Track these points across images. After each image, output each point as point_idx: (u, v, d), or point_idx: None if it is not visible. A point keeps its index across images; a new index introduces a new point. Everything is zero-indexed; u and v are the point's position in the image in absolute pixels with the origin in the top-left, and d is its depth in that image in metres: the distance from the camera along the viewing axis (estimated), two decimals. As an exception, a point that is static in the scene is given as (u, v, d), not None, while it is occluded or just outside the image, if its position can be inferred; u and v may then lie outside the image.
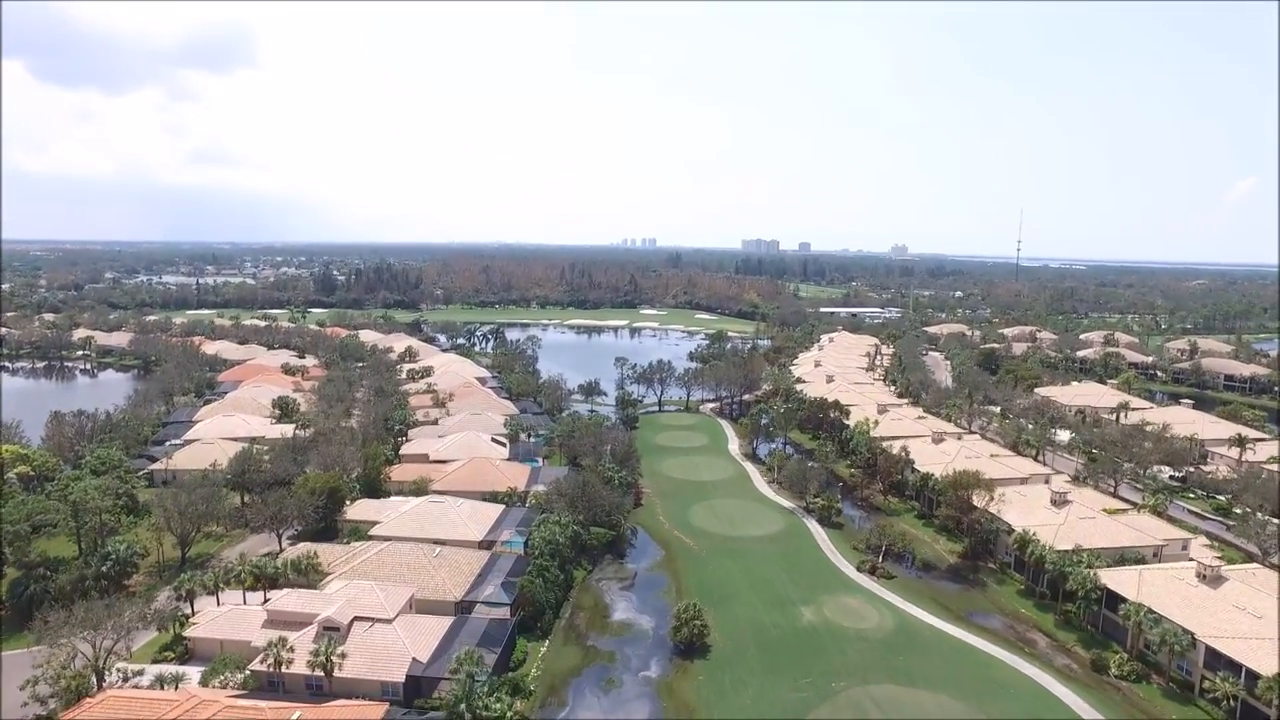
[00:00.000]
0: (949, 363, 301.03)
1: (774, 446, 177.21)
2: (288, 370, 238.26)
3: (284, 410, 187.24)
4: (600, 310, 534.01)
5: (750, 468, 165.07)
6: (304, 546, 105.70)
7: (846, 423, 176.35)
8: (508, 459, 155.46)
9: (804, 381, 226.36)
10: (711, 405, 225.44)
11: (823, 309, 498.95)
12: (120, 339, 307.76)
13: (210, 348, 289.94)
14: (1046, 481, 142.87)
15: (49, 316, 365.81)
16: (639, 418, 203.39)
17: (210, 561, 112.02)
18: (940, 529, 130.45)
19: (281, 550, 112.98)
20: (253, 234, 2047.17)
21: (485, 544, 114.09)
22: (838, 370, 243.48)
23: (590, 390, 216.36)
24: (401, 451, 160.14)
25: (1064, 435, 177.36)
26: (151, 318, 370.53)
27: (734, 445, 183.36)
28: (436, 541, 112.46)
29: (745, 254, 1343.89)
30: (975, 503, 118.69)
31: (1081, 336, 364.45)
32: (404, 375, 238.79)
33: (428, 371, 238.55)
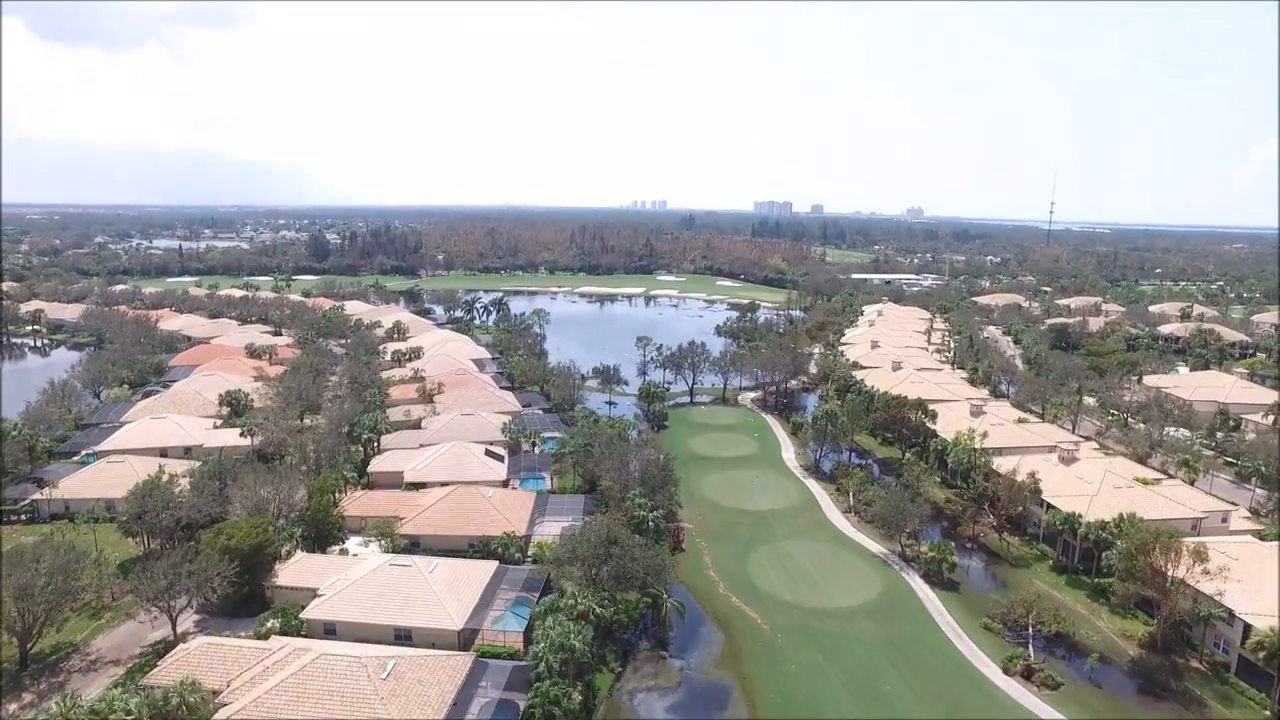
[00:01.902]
0: (1009, 339, 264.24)
1: (840, 456, 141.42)
2: (252, 352, 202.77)
3: (234, 407, 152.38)
4: (613, 276, 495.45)
5: (815, 488, 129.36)
6: (193, 654, 70.96)
7: (930, 425, 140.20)
8: (504, 481, 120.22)
9: (862, 367, 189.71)
10: (752, 395, 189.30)
11: (854, 275, 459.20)
12: (74, 312, 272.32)
13: (174, 322, 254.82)
14: (1224, 520, 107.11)
15: (4, 286, 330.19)
16: (668, 414, 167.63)
17: (68, 660, 77.62)
18: (1095, 592, 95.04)
19: (176, 638, 78.64)
20: (260, 198, 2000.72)
21: (467, 634, 79.23)
22: (900, 353, 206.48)
23: (608, 378, 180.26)
24: (371, 468, 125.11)
25: (1184, 438, 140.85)
26: (119, 287, 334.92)
27: (789, 453, 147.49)
28: (396, 632, 78.27)
29: (759, 216, 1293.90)
30: (1170, 570, 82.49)
31: (1152, 309, 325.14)
32: (388, 358, 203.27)
33: (416, 353, 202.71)
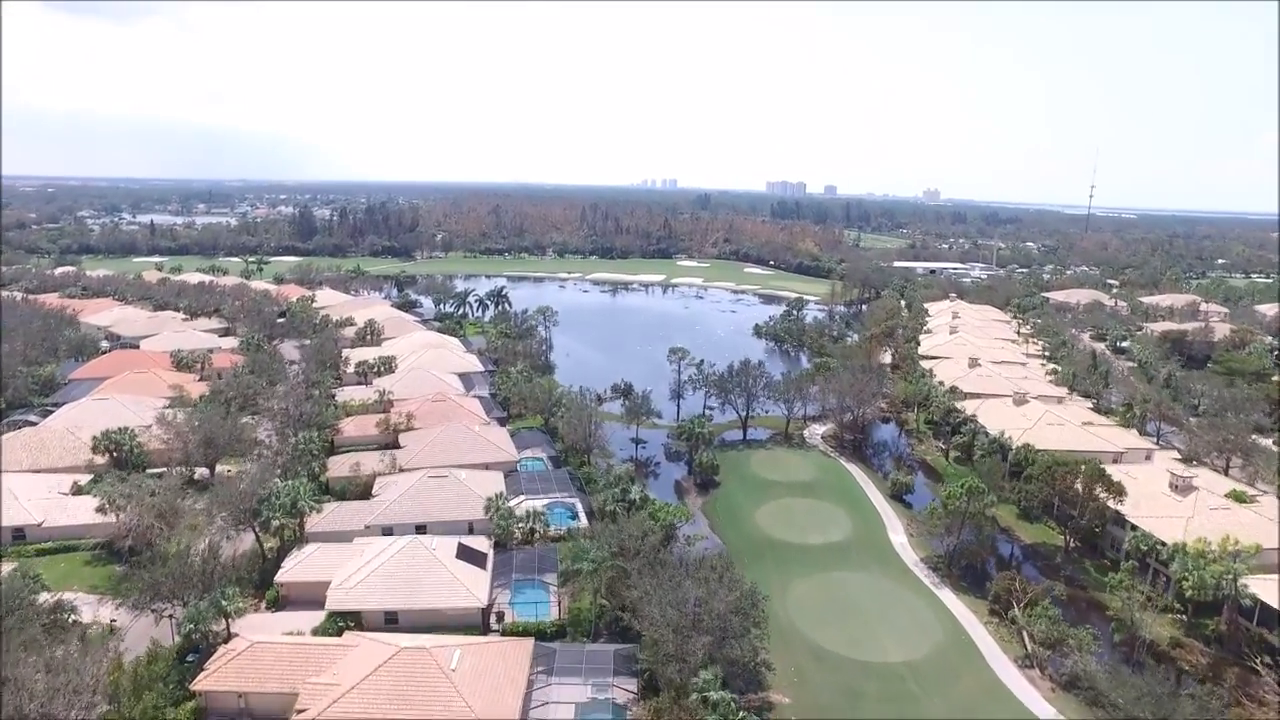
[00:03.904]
0: (1101, 345, 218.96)
1: (968, 536, 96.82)
2: (179, 362, 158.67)
3: (115, 455, 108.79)
4: (629, 261, 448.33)
5: (960, 609, 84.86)
6: None
7: (1113, 504, 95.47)
8: (484, 608, 76.20)
9: (962, 394, 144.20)
10: (821, 430, 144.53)
11: (895, 263, 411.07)
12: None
13: (106, 316, 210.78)
14: None
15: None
16: (717, 463, 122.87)
17: None
18: None
19: None
20: (269, 173, 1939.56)
21: None
22: (1003, 372, 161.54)
23: (637, 408, 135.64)
24: (282, 575, 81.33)
25: None
26: (61, 270, 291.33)
27: (898, 535, 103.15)
28: None
29: (774, 196, 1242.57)
30: None
31: (1260, 309, 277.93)
32: (352, 370, 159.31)
33: (388, 365, 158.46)
